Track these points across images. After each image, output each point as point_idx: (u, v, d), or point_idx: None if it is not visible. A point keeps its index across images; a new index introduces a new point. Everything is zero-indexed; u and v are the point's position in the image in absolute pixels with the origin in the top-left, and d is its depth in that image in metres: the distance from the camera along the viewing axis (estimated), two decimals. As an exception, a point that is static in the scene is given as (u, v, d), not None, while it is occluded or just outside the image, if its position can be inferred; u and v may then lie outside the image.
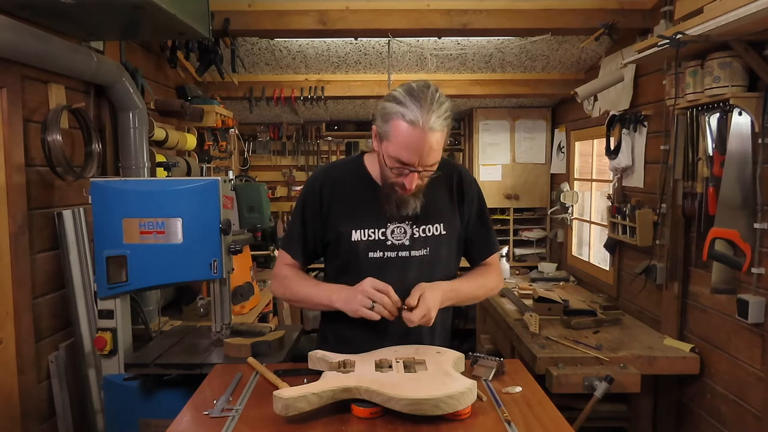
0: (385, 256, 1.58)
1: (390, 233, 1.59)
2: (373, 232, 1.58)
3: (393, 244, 1.59)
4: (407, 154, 1.42)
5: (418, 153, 1.42)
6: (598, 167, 4.14)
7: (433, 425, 1.20)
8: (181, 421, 1.28)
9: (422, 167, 1.45)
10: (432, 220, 1.61)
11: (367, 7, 3.02)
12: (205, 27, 2.35)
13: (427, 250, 1.61)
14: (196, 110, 3.38)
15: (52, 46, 2.08)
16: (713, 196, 2.35)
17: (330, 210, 1.61)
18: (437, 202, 1.62)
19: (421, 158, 1.43)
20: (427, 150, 1.42)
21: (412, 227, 1.60)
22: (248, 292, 2.98)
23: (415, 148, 1.41)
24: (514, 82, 4.24)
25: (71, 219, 2.31)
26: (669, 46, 2.23)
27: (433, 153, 1.44)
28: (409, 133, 1.40)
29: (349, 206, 1.60)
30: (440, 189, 1.63)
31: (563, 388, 2.44)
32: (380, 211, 1.57)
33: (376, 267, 1.57)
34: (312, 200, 1.63)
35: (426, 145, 1.41)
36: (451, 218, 1.65)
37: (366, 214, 1.59)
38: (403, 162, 1.44)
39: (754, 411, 2.29)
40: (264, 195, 3.70)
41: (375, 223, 1.59)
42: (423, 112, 1.38)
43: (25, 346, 2.08)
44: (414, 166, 1.44)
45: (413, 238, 1.60)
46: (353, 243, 1.59)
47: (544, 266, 4.54)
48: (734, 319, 2.35)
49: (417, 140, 1.40)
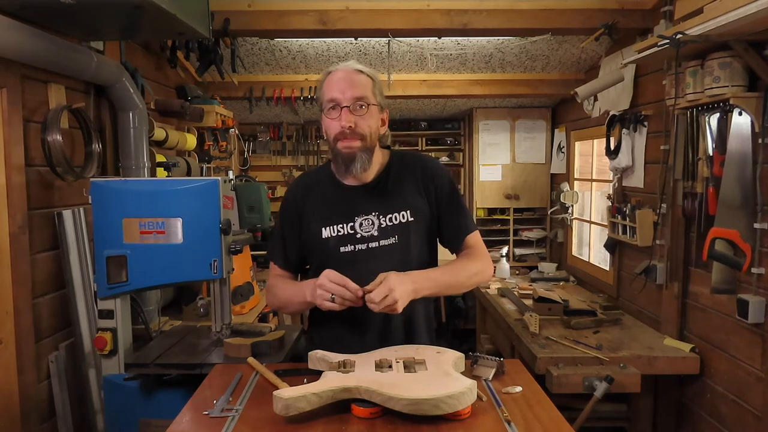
0: (356, 249, 1.62)
1: (358, 226, 1.62)
2: (341, 227, 1.63)
3: (362, 237, 1.62)
4: (333, 90, 1.55)
5: (341, 86, 1.55)
6: (598, 167, 4.14)
7: (433, 425, 1.20)
8: (181, 421, 1.28)
9: (349, 100, 1.54)
10: (397, 208, 1.63)
11: (367, 7, 3.02)
12: (205, 27, 2.35)
13: (396, 238, 1.62)
14: (196, 110, 3.38)
15: (52, 46, 2.08)
16: (713, 196, 2.35)
17: (303, 214, 1.70)
18: (402, 191, 1.65)
19: (345, 90, 1.54)
20: (351, 83, 1.55)
21: (379, 218, 1.62)
22: (248, 292, 2.98)
23: (338, 83, 1.55)
24: (514, 82, 4.24)
25: (71, 219, 2.31)
26: (669, 46, 2.23)
27: (358, 87, 1.55)
28: (331, 76, 1.58)
29: (319, 207, 1.67)
30: (405, 178, 1.68)
31: (563, 388, 2.44)
32: (347, 206, 1.63)
33: (348, 261, 1.61)
34: (288, 208, 1.74)
35: (348, 78, 1.56)
36: (418, 205, 1.66)
37: (334, 211, 1.64)
38: (333, 101, 1.55)
39: (754, 411, 2.29)
40: (264, 195, 3.69)
41: (343, 218, 1.63)
42: (343, 63, 1.60)
43: (25, 346, 2.08)
44: (341, 100, 1.54)
45: (381, 228, 1.62)
46: (324, 240, 1.64)
47: (544, 266, 4.54)
48: (734, 319, 2.35)
49: (338, 76, 1.57)
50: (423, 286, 1.52)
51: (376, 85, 1.61)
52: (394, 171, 1.68)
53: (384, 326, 1.64)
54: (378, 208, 1.63)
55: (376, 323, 1.63)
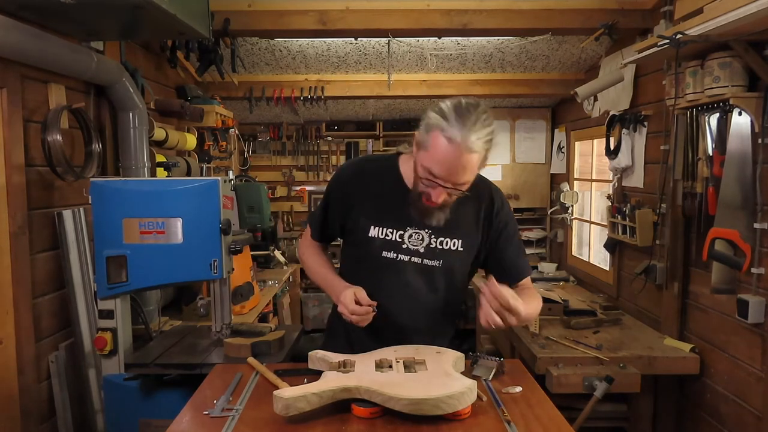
0: (398, 258, 1.59)
1: (408, 237, 1.59)
2: (391, 232, 1.59)
3: (408, 249, 1.59)
4: (440, 168, 1.40)
5: (450, 170, 1.40)
6: (598, 167, 4.14)
7: (433, 425, 1.20)
8: (181, 421, 1.28)
9: (452, 185, 1.43)
10: (452, 234, 1.59)
11: (367, 7, 3.02)
12: (205, 27, 2.35)
13: (440, 262, 1.59)
14: (196, 110, 3.38)
15: (52, 46, 2.08)
16: (713, 196, 2.35)
17: (355, 200, 1.62)
18: (460, 218, 1.60)
19: (453, 176, 1.41)
20: (461, 169, 1.40)
21: (431, 236, 1.58)
22: (248, 292, 2.98)
23: (449, 165, 1.39)
24: (514, 82, 4.24)
25: (71, 219, 2.31)
26: (669, 46, 2.23)
27: (467, 173, 1.42)
28: (445, 149, 1.38)
29: (374, 202, 1.61)
30: (467, 206, 1.60)
31: (563, 388, 2.44)
32: (402, 213, 1.57)
33: (388, 267, 1.58)
34: (339, 188, 1.67)
35: (460, 164, 1.39)
36: (472, 237, 1.62)
37: (388, 214, 1.59)
38: (434, 175, 1.42)
39: (754, 411, 2.29)
40: (264, 195, 3.70)
41: (395, 224, 1.59)
42: (464, 130, 1.36)
43: (25, 346, 2.08)
44: (444, 181, 1.42)
45: (429, 248, 1.59)
46: (370, 238, 1.60)
47: (544, 266, 4.54)
48: (734, 319, 2.35)
49: (452, 157, 1.38)
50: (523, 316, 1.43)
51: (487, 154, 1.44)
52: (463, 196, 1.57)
53: (401, 333, 1.60)
54: (433, 226, 1.57)
55: (394, 330, 1.60)
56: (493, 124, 1.44)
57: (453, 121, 1.37)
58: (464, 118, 1.37)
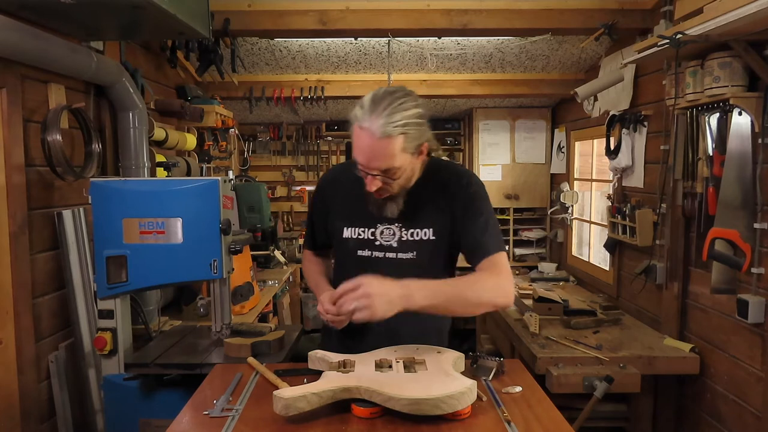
0: (373, 255, 1.62)
1: (379, 234, 1.61)
2: (363, 231, 1.62)
3: (381, 245, 1.61)
4: (360, 157, 1.44)
5: (368, 157, 1.42)
6: (598, 167, 4.14)
7: (433, 425, 1.20)
8: (181, 421, 1.28)
9: (378, 171, 1.43)
10: (421, 224, 1.60)
11: (367, 7, 3.02)
12: (205, 27, 2.35)
13: (414, 253, 1.60)
14: (196, 110, 3.38)
15: (52, 46, 2.08)
16: (713, 196, 2.35)
17: (330, 205, 1.70)
18: (429, 206, 1.60)
19: (373, 162, 1.42)
20: (378, 155, 1.41)
21: (401, 230, 1.60)
22: (248, 292, 2.98)
23: (365, 153, 1.42)
24: (514, 82, 4.24)
25: (71, 219, 2.31)
26: (669, 46, 2.23)
27: (386, 159, 1.41)
28: (359, 137, 1.42)
29: (346, 204, 1.66)
30: (435, 193, 1.60)
31: (563, 388, 2.44)
32: (371, 211, 1.60)
33: (364, 265, 1.58)
34: (319, 195, 1.75)
35: (374, 150, 1.40)
36: (441, 223, 1.60)
37: (359, 213, 1.62)
38: (361, 165, 1.45)
39: (754, 411, 2.29)
40: (264, 195, 3.70)
41: (366, 222, 1.62)
42: (373, 117, 1.38)
43: (25, 346, 2.08)
44: (369, 169, 1.44)
45: (401, 241, 1.60)
46: (344, 239, 1.65)
47: (544, 266, 4.54)
48: (734, 319, 2.35)
49: (365, 144, 1.40)
50: (418, 295, 1.40)
51: (408, 140, 1.41)
52: (427, 184, 1.59)
53: (393, 332, 1.58)
54: (402, 220, 1.58)
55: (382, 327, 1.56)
56: (417, 108, 1.43)
57: (366, 111, 1.40)
58: (376, 105, 1.39)
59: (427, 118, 1.49)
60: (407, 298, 1.39)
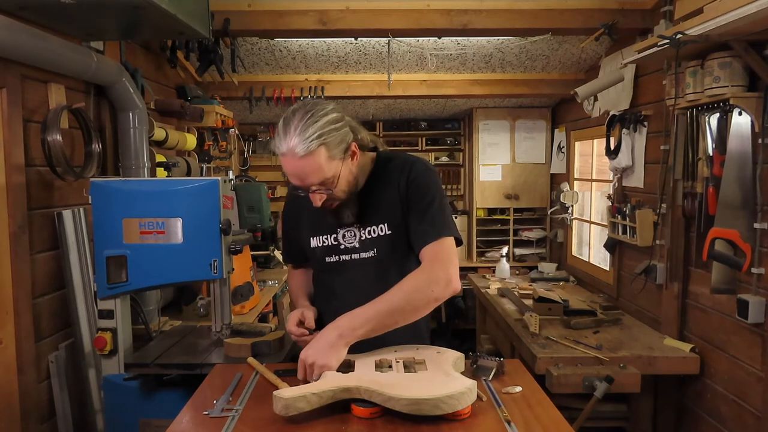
0: (341, 259, 1.64)
1: (341, 237, 1.63)
2: (326, 238, 1.65)
3: (345, 248, 1.63)
4: (293, 180, 1.47)
5: (298, 178, 1.45)
6: (598, 167, 4.14)
7: (433, 425, 1.20)
8: (181, 421, 1.28)
9: (316, 187, 1.46)
10: (376, 221, 1.60)
11: (367, 7, 3.02)
12: (205, 27, 2.35)
13: (374, 251, 1.61)
14: (196, 110, 3.38)
15: (52, 46, 2.08)
16: (713, 196, 2.35)
17: (297, 218, 1.74)
18: (381, 202, 1.60)
19: (305, 181, 1.45)
20: (306, 174, 1.43)
21: (360, 230, 1.62)
22: (248, 292, 2.98)
23: (294, 175, 1.45)
24: (514, 82, 4.24)
25: (71, 219, 2.31)
26: (669, 46, 2.23)
27: (314, 174, 1.43)
28: (283, 163, 1.44)
29: (309, 215, 1.67)
30: (387, 187, 1.60)
31: (563, 388, 2.44)
32: (330, 218, 1.62)
33: (334, 270, 1.65)
34: (287, 210, 1.80)
35: (299, 170, 1.42)
36: (395, 216, 1.60)
37: (320, 222, 1.64)
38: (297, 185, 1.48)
39: (754, 411, 2.29)
40: (264, 195, 3.69)
41: (327, 229, 1.64)
42: (286, 140, 1.40)
43: (25, 346, 2.08)
44: (306, 188, 1.47)
45: (361, 241, 1.62)
46: (312, 249, 1.68)
47: (544, 266, 4.54)
48: (734, 319, 2.35)
49: (290, 168, 1.43)
50: (352, 327, 1.40)
51: (330, 147, 1.41)
52: (378, 179, 1.61)
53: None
54: (359, 220, 1.60)
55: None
56: (331, 114, 1.44)
57: (281, 137, 1.42)
58: (287, 127, 1.41)
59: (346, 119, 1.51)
60: (342, 336, 1.40)
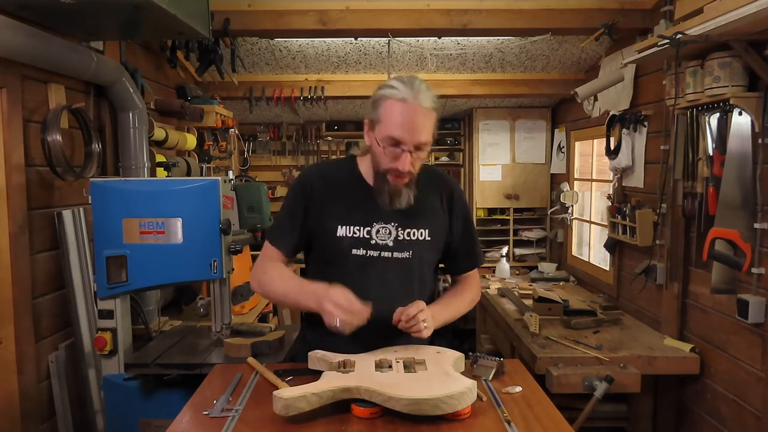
0: (368, 254, 1.59)
1: (375, 233, 1.59)
2: (358, 230, 1.59)
3: (377, 244, 1.59)
4: (399, 130, 1.46)
5: (410, 128, 1.45)
6: (598, 167, 4.14)
7: (433, 425, 1.20)
8: (181, 421, 1.28)
9: (414, 144, 1.47)
10: (417, 224, 1.61)
11: (367, 7, 3.02)
12: (205, 27, 2.35)
13: (410, 253, 1.60)
14: (196, 110, 3.38)
15: (52, 46, 2.08)
16: (713, 196, 2.35)
17: (319, 204, 1.62)
18: (425, 209, 1.62)
19: (414, 135, 1.46)
20: (420, 126, 1.46)
21: (397, 229, 1.60)
22: (248, 292, 2.98)
23: (407, 123, 1.45)
24: (514, 82, 4.24)
25: (71, 219, 2.31)
26: (669, 46, 2.23)
27: (425, 131, 1.47)
28: (400, 109, 1.45)
29: (338, 202, 1.61)
30: (430, 196, 1.64)
31: (563, 388, 2.44)
32: (368, 209, 1.59)
33: (359, 264, 1.58)
34: (303, 195, 1.63)
35: (416, 119, 1.45)
36: (437, 224, 1.64)
37: (353, 212, 1.60)
38: (395, 140, 1.47)
39: (754, 411, 2.29)
40: (264, 195, 3.68)
41: (361, 221, 1.59)
42: (413, 90, 1.45)
43: (25, 346, 2.08)
44: (406, 143, 1.46)
45: (397, 240, 1.60)
46: (338, 238, 1.59)
47: (544, 266, 4.54)
48: (734, 319, 2.35)
49: (408, 114, 1.45)
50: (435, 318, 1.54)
51: (436, 121, 1.52)
52: (422, 186, 1.61)
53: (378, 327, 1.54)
54: (399, 219, 1.59)
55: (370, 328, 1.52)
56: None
57: (400, 87, 1.46)
58: (410, 82, 1.47)
59: None
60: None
